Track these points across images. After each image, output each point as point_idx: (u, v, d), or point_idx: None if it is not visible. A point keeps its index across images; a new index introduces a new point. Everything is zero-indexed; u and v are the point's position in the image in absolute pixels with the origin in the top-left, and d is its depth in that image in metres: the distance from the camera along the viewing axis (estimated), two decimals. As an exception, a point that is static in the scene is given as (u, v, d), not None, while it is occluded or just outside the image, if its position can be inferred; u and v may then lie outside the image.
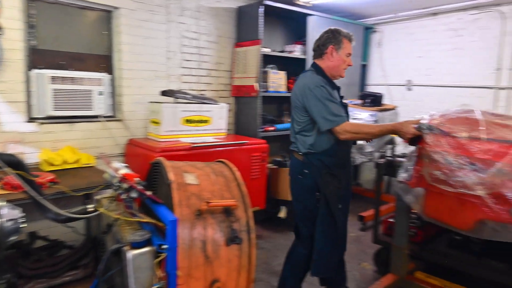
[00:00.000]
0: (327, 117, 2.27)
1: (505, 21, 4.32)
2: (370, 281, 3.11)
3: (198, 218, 1.94)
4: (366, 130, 2.30)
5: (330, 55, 2.40)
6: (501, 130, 2.11)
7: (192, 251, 1.88)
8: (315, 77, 2.36)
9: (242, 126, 4.37)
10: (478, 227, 2.15)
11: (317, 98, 2.28)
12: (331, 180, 2.38)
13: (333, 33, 2.41)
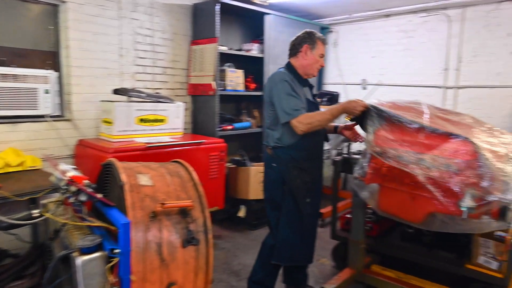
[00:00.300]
0: (286, 111, 2.35)
1: (451, 24, 4.54)
2: (329, 276, 3.15)
3: (152, 220, 1.88)
4: (318, 117, 2.36)
5: (304, 53, 2.50)
6: (441, 122, 2.21)
7: (147, 254, 1.82)
8: (282, 73, 2.46)
9: (200, 125, 4.30)
10: (429, 220, 2.24)
11: (280, 92, 2.38)
12: (298, 174, 2.45)
13: (308, 34, 2.53)
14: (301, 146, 2.44)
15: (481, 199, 1.97)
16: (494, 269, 2.66)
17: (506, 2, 4.16)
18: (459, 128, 2.21)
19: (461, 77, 4.54)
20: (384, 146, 2.24)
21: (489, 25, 4.30)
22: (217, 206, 3.80)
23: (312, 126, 2.34)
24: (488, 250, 2.69)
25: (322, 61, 2.56)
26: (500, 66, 4.27)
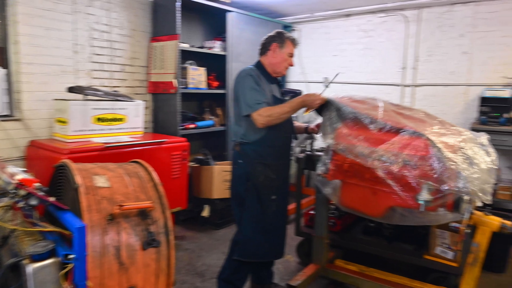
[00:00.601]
0: (248, 103, 2.38)
1: (408, 24, 4.70)
2: (294, 272, 3.17)
3: (110, 223, 1.81)
4: (278, 109, 2.38)
5: (273, 51, 2.54)
6: (396, 117, 2.27)
7: (104, 258, 1.74)
8: (249, 69, 2.50)
9: (161, 124, 4.20)
10: (389, 213, 2.29)
11: (244, 86, 2.42)
12: (263, 170, 2.46)
13: (278, 33, 2.58)
14: (266, 142, 2.45)
15: (437, 192, 2.03)
16: (450, 259, 2.78)
17: (458, 4, 4.35)
18: (412, 121, 2.28)
19: (418, 75, 4.70)
20: (345, 143, 2.28)
21: (443, 26, 4.48)
22: (180, 207, 3.73)
23: (272, 119, 2.35)
24: (444, 240, 2.80)
25: (291, 60, 2.59)
26: (453, 65, 4.46)
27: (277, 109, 2.38)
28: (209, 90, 4.50)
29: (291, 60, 2.59)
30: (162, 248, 1.93)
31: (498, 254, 3.19)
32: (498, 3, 4.13)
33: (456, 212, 2.11)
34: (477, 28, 4.28)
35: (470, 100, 4.38)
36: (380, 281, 2.76)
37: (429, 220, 2.21)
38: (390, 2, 4.60)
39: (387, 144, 2.15)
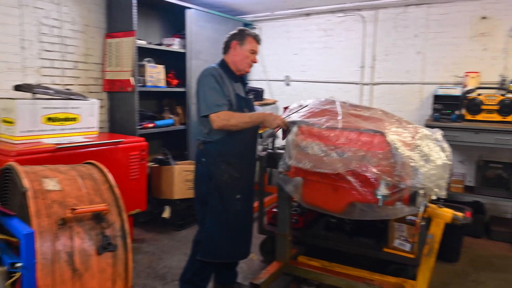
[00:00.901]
0: (208, 104, 2.36)
1: (365, 24, 4.82)
2: (257, 271, 3.15)
3: (62, 228, 1.71)
4: (236, 116, 2.37)
5: (233, 49, 2.53)
6: (355, 120, 2.32)
7: (56, 265, 1.65)
8: (211, 68, 2.47)
9: (118, 123, 4.06)
10: (349, 209, 2.33)
11: (204, 86, 2.39)
12: (226, 169, 2.43)
13: (239, 30, 2.56)
14: (230, 141, 2.43)
15: (394, 187, 2.09)
16: (408, 251, 2.87)
17: (412, 6, 4.51)
18: (371, 122, 2.33)
19: (376, 74, 4.84)
20: (306, 141, 2.29)
21: (398, 26, 4.64)
22: (139, 208, 3.61)
23: (228, 124, 2.34)
24: (402, 233, 2.89)
25: (253, 57, 2.57)
26: (408, 64, 4.62)
27: (236, 116, 2.37)
28: (169, 88, 4.40)
29: (253, 57, 2.57)
30: (118, 251, 1.86)
31: (452, 245, 3.34)
32: (448, 6, 4.33)
33: (412, 205, 2.18)
34: (429, 29, 4.46)
35: (424, 98, 4.56)
36: (342, 275, 2.80)
37: (387, 214, 2.27)
38: (348, 2, 4.69)
39: (347, 141, 2.19)
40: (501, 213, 4.30)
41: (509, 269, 3.31)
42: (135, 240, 3.73)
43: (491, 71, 4.18)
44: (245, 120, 2.38)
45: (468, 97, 3.76)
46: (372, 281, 2.73)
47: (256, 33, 2.60)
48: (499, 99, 3.65)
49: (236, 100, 2.45)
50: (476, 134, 3.64)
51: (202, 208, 2.53)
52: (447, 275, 3.19)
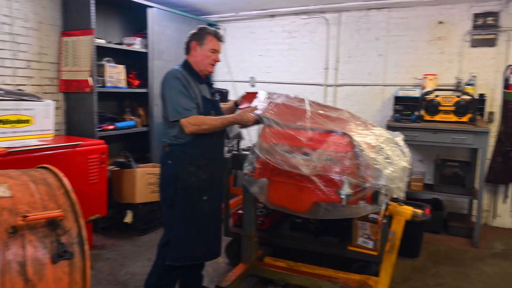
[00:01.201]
0: (177, 109, 2.31)
1: (329, 27, 4.89)
2: (223, 273, 3.12)
3: (13, 237, 1.61)
4: (208, 122, 2.35)
5: (193, 50, 2.46)
6: (323, 120, 2.35)
7: (6, 277, 1.55)
8: (175, 70, 2.41)
9: (76, 125, 3.89)
10: (314, 209, 2.34)
11: (170, 90, 2.34)
12: (194, 171, 2.39)
13: (198, 30, 2.48)
14: (197, 144, 2.38)
15: (357, 186, 2.13)
16: (371, 248, 2.93)
17: (374, 10, 4.63)
18: (337, 124, 2.37)
19: (339, 75, 4.93)
20: (272, 142, 2.29)
21: (361, 29, 4.74)
22: (99, 214, 3.48)
23: (199, 129, 2.32)
24: (365, 231, 2.94)
25: (215, 56, 2.50)
26: (370, 66, 4.74)
27: (207, 121, 2.34)
28: (130, 89, 4.27)
29: (215, 56, 2.50)
30: (75, 259, 1.77)
31: (412, 241, 3.44)
32: (408, 10, 4.48)
33: (375, 204, 2.23)
34: (390, 32, 4.59)
35: (386, 99, 4.68)
36: (307, 274, 2.82)
37: (351, 213, 2.31)
38: (312, 4, 4.74)
39: (311, 142, 2.21)
40: (458, 209, 4.49)
41: (465, 263, 3.45)
42: (95, 247, 3.60)
43: (448, 73, 4.36)
44: (217, 125, 2.37)
45: (427, 99, 3.90)
46: (337, 279, 2.76)
47: (216, 30, 2.52)
48: (455, 100, 3.80)
49: (203, 103, 2.41)
50: (434, 134, 3.77)
51: (168, 211, 2.47)
52: (409, 270, 3.28)
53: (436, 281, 3.12)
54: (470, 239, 3.91)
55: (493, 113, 4.22)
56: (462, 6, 4.24)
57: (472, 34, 4.24)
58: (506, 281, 3.15)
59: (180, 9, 4.77)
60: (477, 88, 4.17)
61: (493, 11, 4.11)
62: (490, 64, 4.21)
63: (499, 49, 4.15)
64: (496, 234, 4.12)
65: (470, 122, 3.71)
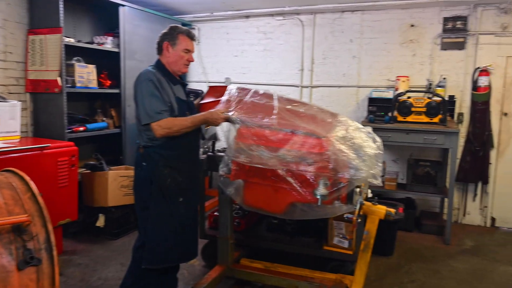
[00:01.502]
0: (148, 112, 2.27)
1: (304, 28, 4.92)
2: (199, 276, 3.09)
3: (-26, 244, 1.52)
4: (178, 123, 2.31)
5: (166, 51, 2.41)
6: (291, 117, 2.35)
7: (-32, 287, 1.46)
8: (149, 72, 2.34)
9: (44, 127, 3.75)
10: (290, 209, 2.34)
11: (143, 93, 2.29)
12: (169, 173, 2.35)
13: (169, 29, 2.42)
14: (172, 145, 2.34)
15: (332, 186, 2.13)
16: (346, 247, 2.96)
17: (348, 12, 4.70)
18: (306, 120, 2.37)
19: (314, 77, 4.97)
20: (246, 143, 2.28)
21: (335, 31, 4.80)
22: (69, 218, 3.38)
23: (171, 132, 2.29)
24: (340, 231, 2.96)
25: (189, 56, 2.45)
26: (345, 68, 4.80)
27: (177, 122, 2.31)
28: (101, 90, 4.16)
29: (189, 55, 2.46)
30: (43, 266, 1.70)
31: (386, 239, 3.50)
32: (381, 13, 4.56)
33: (350, 203, 2.24)
34: (364, 35, 4.66)
35: (360, 100, 4.75)
36: (284, 275, 2.82)
37: (326, 213, 2.32)
38: (287, 6, 4.76)
39: (286, 143, 2.20)
40: (430, 207, 4.61)
41: (437, 259, 3.53)
42: (66, 252, 3.49)
43: (419, 75, 4.47)
44: (187, 125, 2.33)
45: (399, 100, 3.97)
46: (313, 279, 2.77)
47: (188, 29, 2.46)
48: (426, 101, 3.90)
49: (178, 104, 2.36)
50: (407, 135, 3.85)
51: (143, 213, 2.42)
52: (383, 268, 3.33)
53: (409, 278, 3.18)
54: (441, 236, 4.02)
55: (463, 114, 4.36)
56: (432, 10, 4.35)
57: (442, 38, 4.36)
58: (475, 276, 3.25)
59: (153, 8, 4.69)
60: (447, 90, 4.30)
61: (462, 15, 4.24)
62: (459, 66, 4.34)
63: (468, 52, 4.29)
64: (466, 231, 4.25)
65: (440, 123, 3.81)
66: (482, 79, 4.15)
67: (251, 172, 2.35)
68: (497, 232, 4.25)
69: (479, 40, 4.23)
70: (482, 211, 4.42)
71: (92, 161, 3.85)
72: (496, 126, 4.26)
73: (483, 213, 4.42)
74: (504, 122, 4.25)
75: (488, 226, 4.40)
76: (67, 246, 3.61)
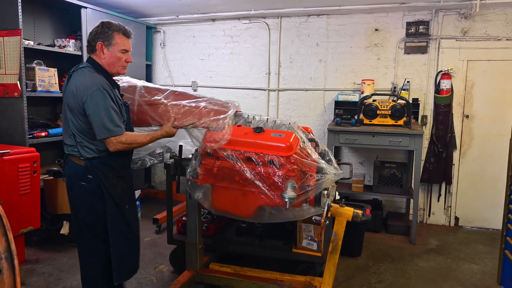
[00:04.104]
0: (107, 127, 2.10)
1: (270, 32, 4.95)
2: (168, 282, 3.06)
3: None
4: (139, 140, 2.24)
5: (100, 52, 2.20)
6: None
7: None
8: (96, 78, 2.14)
9: (4, 132, 3.57)
10: (258, 213, 2.35)
11: (97, 105, 2.08)
12: (118, 182, 2.27)
13: (102, 27, 2.20)
14: (120, 154, 2.25)
15: (300, 189, 2.15)
16: (315, 249, 2.98)
17: (313, 16, 4.76)
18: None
19: (281, 80, 5.00)
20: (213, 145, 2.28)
21: (301, 35, 4.85)
22: (32, 226, 3.26)
23: (129, 147, 2.23)
24: (309, 233, 2.98)
25: (127, 56, 2.26)
26: (311, 71, 4.85)
27: (138, 140, 2.23)
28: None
29: (127, 56, 2.26)
30: (4, 276, 1.63)
31: (354, 241, 3.55)
32: (346, 17, 4.65)
33: (318, 206, 2.27)
34: (330, 39, 4.74)
35: (327, 103, 4.82)
36: (254, 279, 2.83)
37: (294, 215, 2.34)
38: (253, 9, 4.77)
39: (255, 146, 2.21)
40: (396, 208, 4.72)
41: (404, 259, 3.62)
42: (29, 261, 3.37)
43: (384, 78, 4.59)
44: (146, 142, 2.27)
45: (365, 103, 4.06)
46: (282, 282, 2.79)
47: (124, 26, 2.25)
48: (391, 104, 4.00)
49: (124, 110, 2.27)
50: (373, 137, 3.93)
51: (100, 230, 2.25)
52: (351, 269, 3.38)
53: (377, 278, 3.24)
54: (408, 236, 4.12)
55: (426, 116, 4.50)
56: (395, 14, 4.48)
57: (406, 42, 4.50)
58: (440, 274, 3.35)
59: (117, 11, 4.60)
60: (411, 93, 4.44)
61: (424, 20, 4.39)
62: (422, 70, 4.48)
63: (430, 56, 4.44)
64: (431, 231, 4.38)
65: (405, 125, 3.92)
66: (444, 83, 4.29)
67: (219, 176, 2.35)
68: (460, 231, 4.40)
69: (441, 44, 4.38)
70: (446, 211, 4.57)
71: (55, 167, 3.71)
72: (458, 128, 4.42)
73: (447, 213, 4.57)
74: (466, 124, 4.43)
75: (452, 226, 4.56)
76: (30, 255, 3.48)
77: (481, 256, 3.70)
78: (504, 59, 4.21)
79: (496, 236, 4.08)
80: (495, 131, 4.30)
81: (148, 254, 3.60)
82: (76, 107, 2.12)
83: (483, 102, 4.35)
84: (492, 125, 4.33)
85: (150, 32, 5.34)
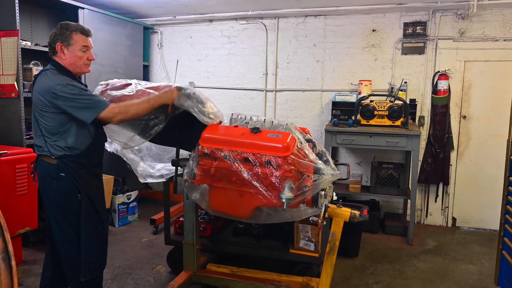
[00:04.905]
0: (89, 107, 2.12)
1: (267, 32, 4.95)
2: (165, 283, 3.05)
3: None
4: (135, 107, 2.21)
5: (61, 53, 2.22)
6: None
7: None
8: (58, 78, 2.16)
9: (0, 133, 3.57)
10: (256, 213, 2.34)
11: (69, 98, 2.10)
12: (91, 179, 2.29)
13: (60, 28, 2.23)
14: (91, 151, 2.26)
15: (298, 190, 2.15)
16: (312, 250, 2.98)
17: (311, 16, 4.76)
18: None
19: (279, 81, 5.00)
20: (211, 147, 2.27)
21: (298, 35, 4.85)
22: (29, 227, 3.26)
23: (127, 116, 2.20)
24: (306, 234, 2.99)
25: (88, 54, 2.28)
26: (309, 72, 4.86)
27: (133, 106, 2.20)
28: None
29: (88, 54, 2.28)
30: (2, 276, 1.62)
31: (351, 241, 3.56)
32: (343, 18, 4.66)
33: (315, 206, 2.27)
34: (327, 39, 4.75)
35: (324, 104, 4.83)
36: (251, 279, 2.82)
37: (292, 216, 2.33)
38: (251, 10, 4.77)
39: (253, 146, 2.21)
40: (394, 209, 4.73)
41: (401, 260, 3.62)
42: (26, 262, 3.36)
43: (382, 79, 4.59)
44: (146, 107, 2.22)
45: (362, 104, 4.06)
46: (279, 282, 2.79)
47: (81, 25, 2.27)
48: (388, 105, 4.00)
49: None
50: (370, 138, 3.94)
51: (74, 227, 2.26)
52: (348, 270, 3.38)
53: (374, 279, 3.24)
54: (405, 237, 4.13)
55: (423, 117, 4.51)
56: (393, 15, 4.49)
57: (403, 42, 4.51)
58: (437, 275, 3.35)
59: (114, 12, 4.59)
60: (408, 94, 4.45)
61: (421, 20, 4.40)
62: (419, 70, 4.49)
63: (428, 56, 4.45)
64: (429, 232, 4.39)
65: (402, 126, 3.92)
66: (441, 83, 4.30)
67: (216, 177, 2.34)
68: (457, 232, 4.41)
69: (438, 45, 4.40)
70: (444, 211, 4.58)
71: (52, 168, 3.71)
72: (455, 129, 4.44)
73: (444, 213, 4.58)
74: (463, 125, 4.44)
75: (449, 226, 4.56)
76: (28, 255, 3.47)
77: (478, 257, 3.71)
78: (501, 59, 4.23)
79: (493, 237, 4.09)
80: (493, 131, 4.32)
81: (146, 254, 3.60)
82: (43, 108, 2.14)
83: (481, 102, 4.36)
84: (489, 126, 4.34)
85: (147, 32, 5.33)
